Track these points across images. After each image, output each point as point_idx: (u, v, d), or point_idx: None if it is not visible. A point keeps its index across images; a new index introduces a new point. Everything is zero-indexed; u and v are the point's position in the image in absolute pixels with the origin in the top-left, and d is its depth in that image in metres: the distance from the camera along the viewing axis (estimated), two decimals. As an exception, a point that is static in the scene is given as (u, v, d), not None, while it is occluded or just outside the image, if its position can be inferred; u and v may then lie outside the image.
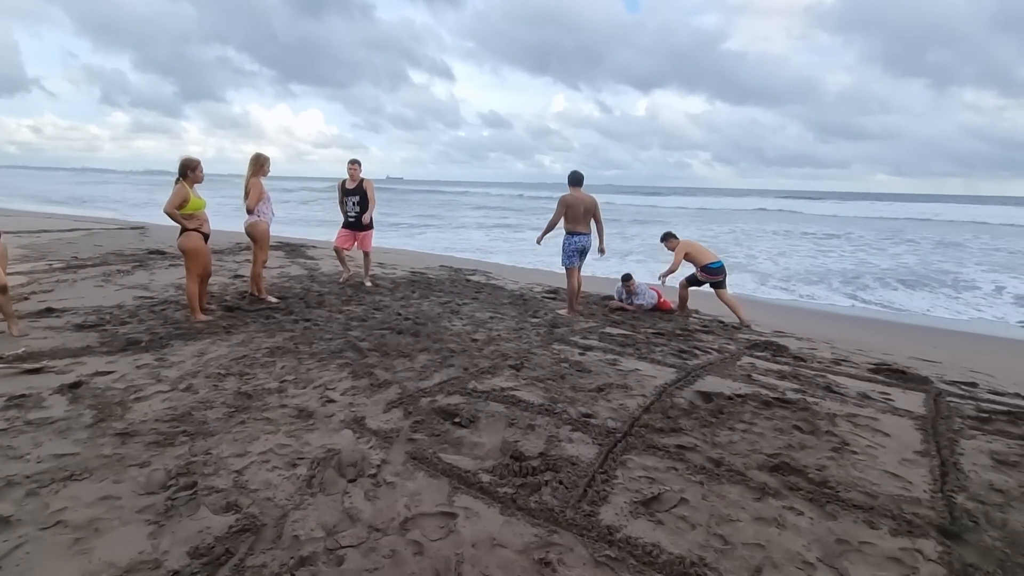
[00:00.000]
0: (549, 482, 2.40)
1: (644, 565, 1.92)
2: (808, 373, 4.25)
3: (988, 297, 9.68)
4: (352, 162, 6.76)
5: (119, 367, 3.65)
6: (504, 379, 3.71)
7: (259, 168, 5.62)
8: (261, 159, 5.62)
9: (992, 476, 2.63)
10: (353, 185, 6.76)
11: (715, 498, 2.35)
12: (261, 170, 5.63)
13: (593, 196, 6.08)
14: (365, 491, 2.31)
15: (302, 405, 3.16)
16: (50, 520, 2.03)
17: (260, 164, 5.61)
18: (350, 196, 6.76)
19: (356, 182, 6.75)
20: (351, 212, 6.79)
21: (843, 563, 1.97)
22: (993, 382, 4.40)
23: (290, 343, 4.35)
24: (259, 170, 5.62)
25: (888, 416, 3.37)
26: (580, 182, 5.99)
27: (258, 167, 5.61)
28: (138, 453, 2.54)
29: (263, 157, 5.64)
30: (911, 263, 13.74)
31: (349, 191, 6.77)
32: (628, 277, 6.67)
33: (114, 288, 6.21)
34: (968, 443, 3.01)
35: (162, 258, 8.61)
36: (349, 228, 6.87)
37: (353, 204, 6.75)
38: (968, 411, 3.53)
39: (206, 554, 1.89)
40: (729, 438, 2.93)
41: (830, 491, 2.42)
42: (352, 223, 6.82)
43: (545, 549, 1.98)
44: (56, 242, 10.02)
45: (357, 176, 6.75)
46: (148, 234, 12.02)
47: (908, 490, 2.47)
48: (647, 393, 3.55)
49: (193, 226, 4.81)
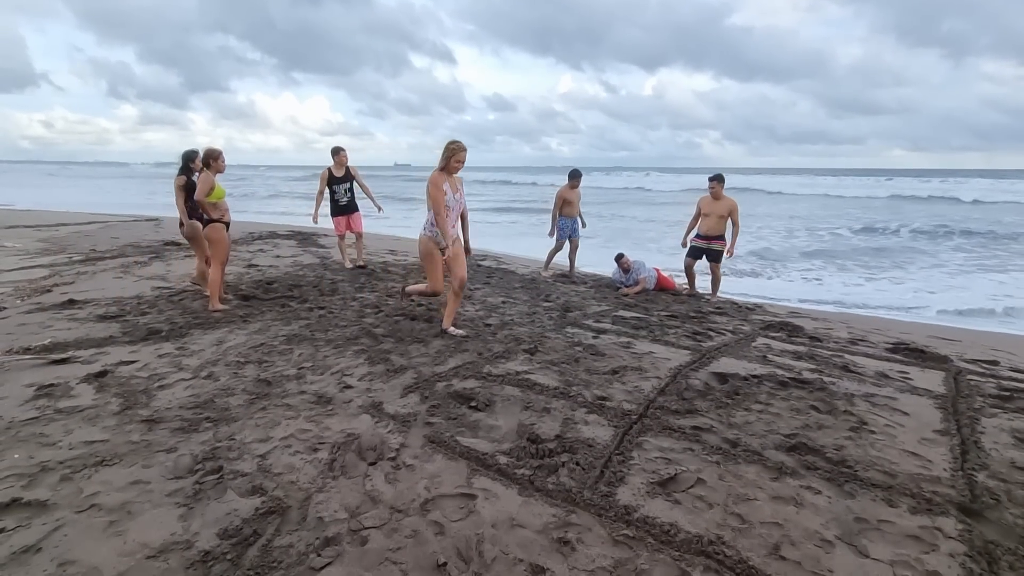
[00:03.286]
0: (566, 463, 2.43)
1: (662, 544, 1.94)
2: (824, 353, 4.22)
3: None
4: (340, 150, 7.04)
5: (142, 356, 3.73)
6: (518, 363, 3.74)
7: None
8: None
9: (1014, 454, 2.60)
10: (341, 172, 7.02)
11: (732, 478, 2.36)
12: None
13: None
14: (385, 474, 2.36)
15: (320, 391, 3.21)
16: (84, 504, 2.10)
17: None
18: (341, 183, 7.02)
19: (343, 169, 7.02)
20: (343, 198, 7.05)
21: (862, 541, 1.97)
22: (1015, 360, 4.34)
23: (306, 331, 4.41)
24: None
25: (907, 395, 3.34)
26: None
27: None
28: (165, 439, 2.61)
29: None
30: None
31: (339, 178, 7.01)
32: (620, 256, 6.68)
33: (133, 279, 6.32)
34: (989, 421, 2.98)
35: (177, 249, 8.72)
36: (342, 213, 7.12)
37: (345, 191, 7.04)
38: (989, 389, 3.49)
39: (235, 535, 1.94)
40: (745, 419, 2.94)
41: (848, 470, 2.42)
42: (344, 207, 7.09)
43: (564, 529, 2.01)
44: (74, 235, 10.19)
45: (345, 163, 7.02)
46: (162, 225, 12.16)
47: (928, 469, 2.46)
48: (662, 375, 3.56)
49: (217, 215, 4.88)
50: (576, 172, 7.32)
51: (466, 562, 1.84)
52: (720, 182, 6.24)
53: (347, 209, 7.11)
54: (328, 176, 6.98)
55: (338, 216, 7.12)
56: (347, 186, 7.03)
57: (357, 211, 7.23)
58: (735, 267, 9.56)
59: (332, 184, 6.99)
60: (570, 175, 7.27)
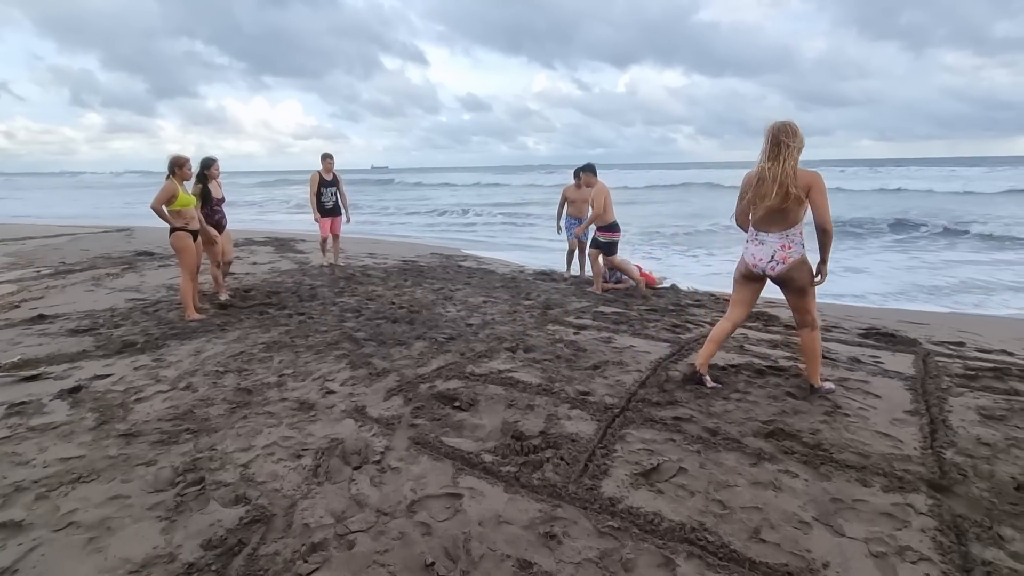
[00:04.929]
0: (550, 459, 2.46)
1: (647, 533, 1.98)
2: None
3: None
4: (329, 156, 7.47)
5: (117, 369, 3.65)
6: (501, 362, 3.76)
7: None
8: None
9: (979, 431, 2.71)
10: (330, 177, 7.48)
11: (712, 466, 2.41)
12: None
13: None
14: (371, 477, 2.35)
15: (302, 397, 3.19)
16: (62, 522, 2.06)
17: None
18: (329, 187, 7.46)
19: (331, 174, 7.48)
20: (329, 201, 7.47)
21: (838, 520, 2.04)
22: (980, 340, 4.50)
23: (286, 337, 4.37)
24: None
25: (878, 378, 3.45)
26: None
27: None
28: (144, 452, 2.56)
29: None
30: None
31: (328, 182, 7.47)
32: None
33: (105, 291, 6.17)
34: (956, 400, 3.10)
35: (151, 259, 8.54)
36: (328, 215, 7.53)
37: (331, 194, 7.49)
38: (956, 369, 3.62)
39: (219, 545, 1.92)
40: (724, 407, 3.00)
41: (824, 453, 2.50)
42: (330, 210, 7.51)
43: (550, 523, 2.04)
44: (42, 248, 9.89)
45: (332, 168, 7.48)
46: (135, 236, 11.88)
47: (899, 448, 2.55)
48: (642, 368, 3.61)
49: (180, 224, 4.82)
50: (580, 169, 6.65)
51: (454, 561, 1.85)
52: (589, 172, 6.43)
53: (333, 212, 7.54)
54: (319, 179, 7.39)
55: (324, 218, 7.50)
56: (333, 190, 7.48)
57: (340, 215, 7.65)
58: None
59: (321, 187, 7.38)
60: (575, 173, 6.86)
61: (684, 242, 12.88)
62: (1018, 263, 9.38)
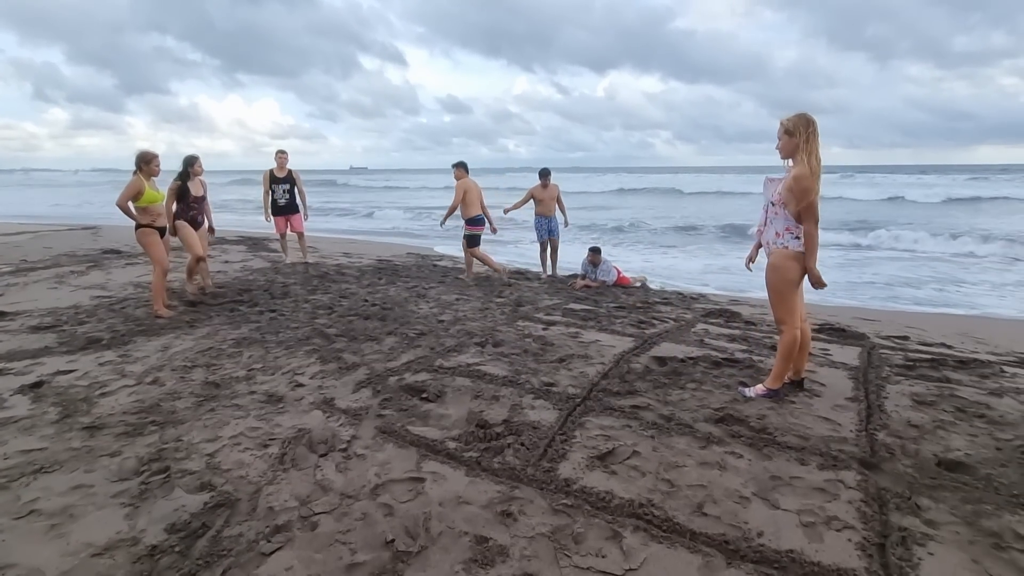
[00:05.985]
0: (511, 444, 2.56)
1: (598, 510, 2.10)
2: (757, 335, 4.53)
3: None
4: (282, 152, 7.33)
5: (81, 365, 3.63)
6: (470, 356, 3.85)
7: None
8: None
9: (910, 414, 2.92)
10: (283, 174, 7.32)
11: (664, 449, 2.55)
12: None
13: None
14: (336, 464, 2.42)
15: (271, 390, 3.23)
16: (23, 510, 2.08)
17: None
18: (281, 184, 7.33)
19: (285, 171, 7.32)
20: (282, 198, 7.37)
21: (775, 495, 2.19)
22: (924, 335, 4.78)
23: (256, 333, 4.38)
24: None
25: (825, 368, 3.65)
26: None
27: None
28: (108, 444, 2.58)
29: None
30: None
31: (280, 179, 7.32)
32: (597, 250, 6.85)
33: (69, 289, 6.05)
34: (893, 387, 3.31)
35: (118, 257, 8.37)
36: (281, 213, 7.44)
37: (284, 191, 7.36)
38: (897, 361, 3.85)
39: (183, 529, 1.97)
40: (680, 396, 3.15)
41: (768, 436, 2.66)
42: (283, 207, 7.40)
43: (507, 503, 2.14)
44: (1, 246, 9.59)
45: (286, 165, 7.32)
46: (101, 234, 11.60)
47: (837, 431, 2.73)
48: (606, 361, 3.75)
49: (146, 221, 4.79)
50: (545, 171, 7.55)
51: (413, 538, 1.94)
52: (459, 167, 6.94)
53: (286, 210, 7.43)
54: (270, 176, 7.27)
55: (277, 216, 7.46)
56: (286, 187, 7.35)
57: (297, 212, 7.52)
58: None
59: (273, 184, 7.27)
60: (540, 173, 7.51)
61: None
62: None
